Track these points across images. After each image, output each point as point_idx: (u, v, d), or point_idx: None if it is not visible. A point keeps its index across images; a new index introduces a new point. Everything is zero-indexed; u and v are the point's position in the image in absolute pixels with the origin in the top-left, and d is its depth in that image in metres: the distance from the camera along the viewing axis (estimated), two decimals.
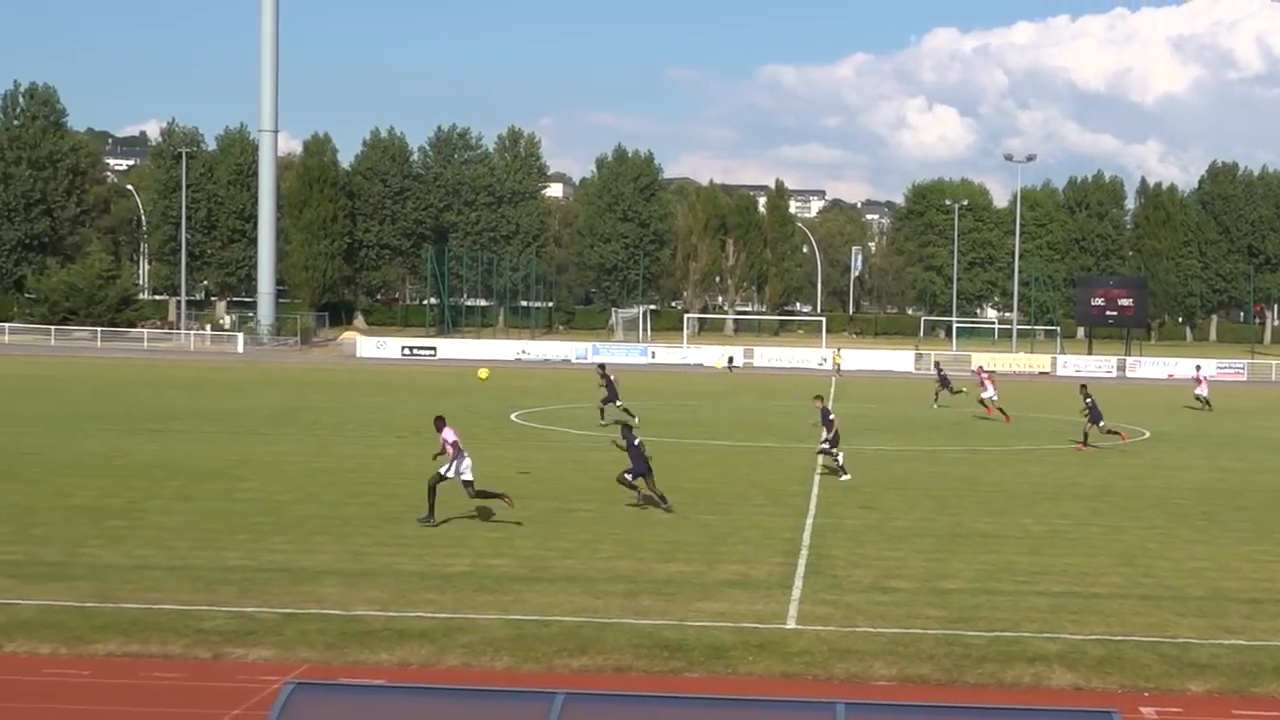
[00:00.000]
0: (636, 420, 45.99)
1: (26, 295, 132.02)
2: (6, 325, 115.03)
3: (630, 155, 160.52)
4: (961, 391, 62.78)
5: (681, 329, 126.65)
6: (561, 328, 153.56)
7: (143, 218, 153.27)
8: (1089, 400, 46.22)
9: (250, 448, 40.61)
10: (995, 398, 56.85)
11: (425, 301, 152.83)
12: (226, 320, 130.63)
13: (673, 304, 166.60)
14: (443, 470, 27.71)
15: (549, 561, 23.99)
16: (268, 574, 22.40)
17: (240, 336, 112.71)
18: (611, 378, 51.49)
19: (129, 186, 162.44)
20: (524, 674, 17.33)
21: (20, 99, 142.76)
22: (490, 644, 18.44)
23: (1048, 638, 19.45)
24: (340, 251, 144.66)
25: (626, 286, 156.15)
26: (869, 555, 25.20)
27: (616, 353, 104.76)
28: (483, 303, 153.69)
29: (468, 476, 27.52)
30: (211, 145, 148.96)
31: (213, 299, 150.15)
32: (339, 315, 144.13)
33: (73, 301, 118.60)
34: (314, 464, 37.00)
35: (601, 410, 50.57)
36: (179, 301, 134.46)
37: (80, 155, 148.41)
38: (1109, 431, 46.27)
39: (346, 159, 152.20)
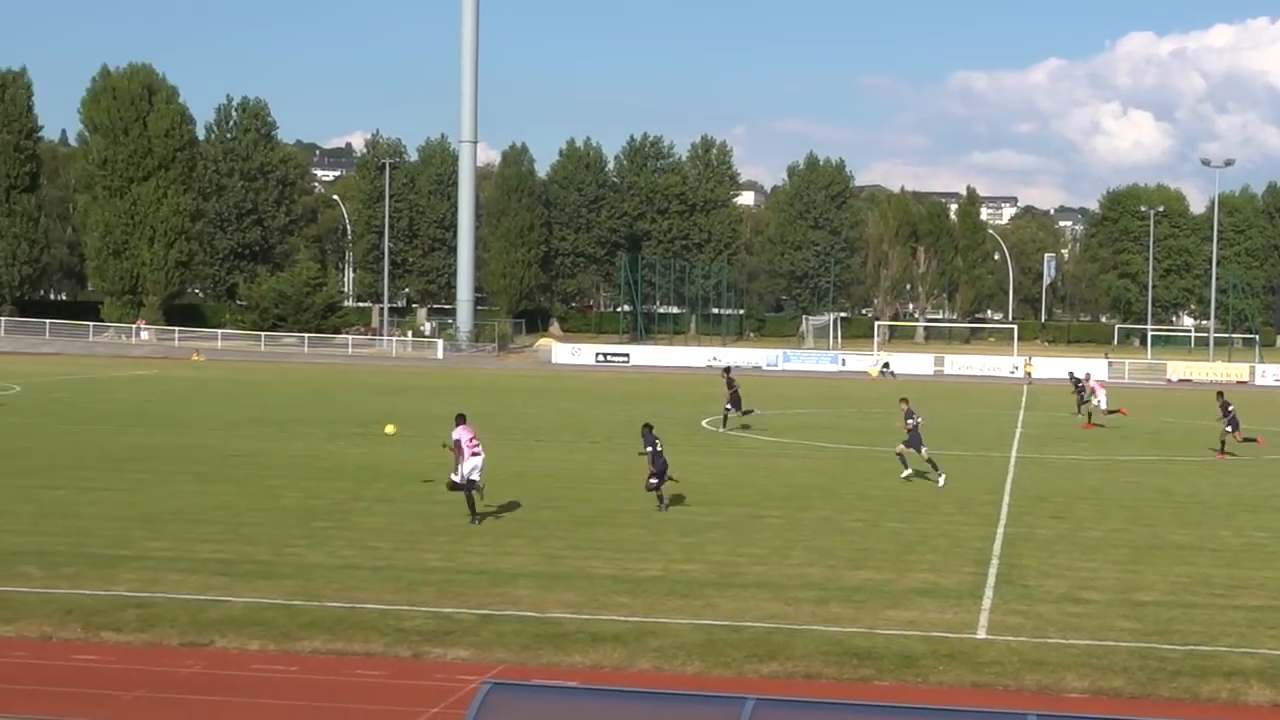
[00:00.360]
0: (760, 411, 48.94)
1: (238, 302, 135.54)
2: (219, 331, 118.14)
3: (821, 163, 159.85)
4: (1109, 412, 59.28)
5: (872, 336, 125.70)
6: (752, 335, 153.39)
7: (348, 227, 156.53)
8: (1229, 409, 45.14)
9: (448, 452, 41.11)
10: (1103, 406, 55.13)
11: (619, 309, 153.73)
12: (427, 327, 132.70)
13: (863, 311, 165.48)
14: (452, 476, 28.15)
15: (739, 567, 23.98)
16: (465, 576, 22.71)
17: (440, 343, 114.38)
18: (736, 384, 51.25)
19: (335, 197, 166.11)
20: (714, 679, 17.33)
21: (233, 113, 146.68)
22: (681, 648, 18.49)
23: (1245, 652, 18.93)
24: (537, 259, 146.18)
25: (817, 294, 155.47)
26: (1061, 565, 24.77)
27: (807, 360, 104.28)
28: (675, 310, 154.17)
29: (474, 477, 28.07)
30: (413, 156, 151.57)
31: (414, 306, 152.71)
32: (535, 322, 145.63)
33: (281, 308, 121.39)
34: (510, 468, 37.38)
35: (725, 416, 50.63)
36: (381, 308, 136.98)
37: (289, 167, 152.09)
38: (1247, 440, 45.24)
39: (543, 169, 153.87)
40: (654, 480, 30.09)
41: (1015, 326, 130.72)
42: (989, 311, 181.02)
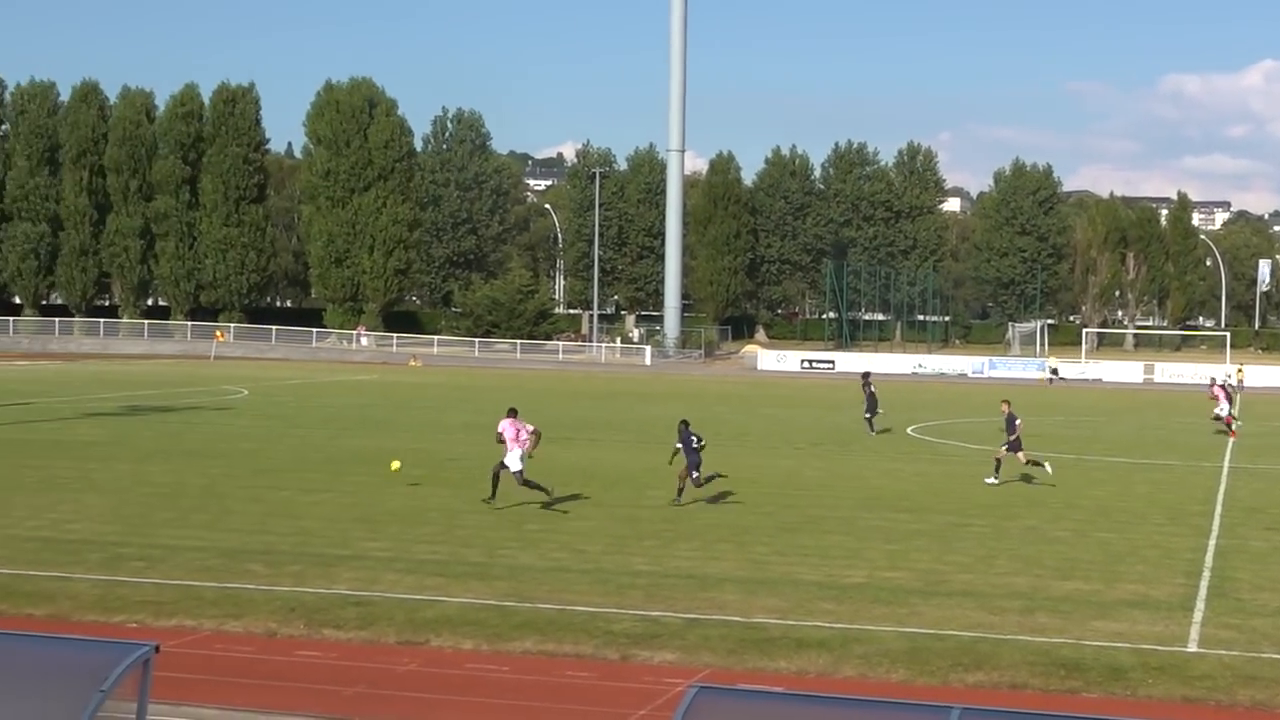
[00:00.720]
0: (876, 430, 49.63)
1: (453, 309, 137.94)
2: (435, 337, 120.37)
3: (1028, 168, 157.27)
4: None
5: (1080, 343, 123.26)
6: (958, 342, 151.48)
7: (559, 235, 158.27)
8: None
9: (656, 457, 41.31)
10: (1226, 413, 53.55)
11: (824, 315, 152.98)
12: (635, 333, 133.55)
13: (1070, 318, 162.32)
14: (505, 460, 29.76)
15: (945, 576, 23.70)
16: (673, 580, 22.80)
17: (648, 349, 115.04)
18: (872, 389, 51.45)
19: (547, 206, 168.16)
20: (919, 687, 17.16)
21: (449, 124, 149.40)
22: (886, 656, 18.34)
23: None
24: (743, 267, 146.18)
25: (1024, 300, 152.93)
26: (1276, 579, 24.02)
27: (1014, 367, 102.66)
28: (880, 317, 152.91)
29: (516, 467, 29.56)
30: (623, 165, 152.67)
31: (623, 313, 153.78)
32: (741, 329, 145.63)
33: (495, 315, 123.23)
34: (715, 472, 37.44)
35: (870, 421, 50.62)
36: (591, 315, 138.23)
37: (503, 177, 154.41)
38: None
39: (749, 176, 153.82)
40: (694, 474, 30.79)
41: (1228, 334, 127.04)
42: (1200, 319, 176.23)
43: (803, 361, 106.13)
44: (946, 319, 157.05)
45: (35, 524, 26.80)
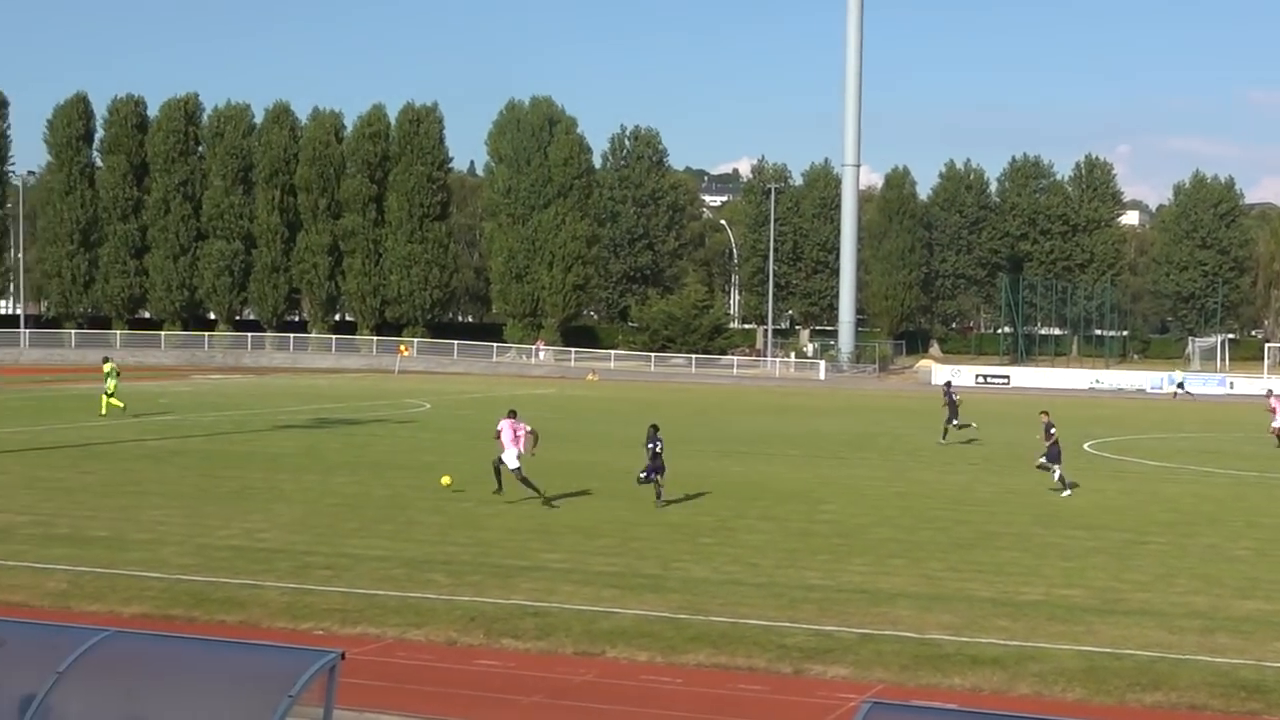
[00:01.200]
0: (975, 426, 50.86)
1: (630, 324, 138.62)
2: (612, 352, 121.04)
3: (1209, 180, 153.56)
4: None
5: (1262, 358, 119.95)
6: (1136, 357, 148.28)
7: (734, 250, 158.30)
8: None
9: (830, 471, 41.24)
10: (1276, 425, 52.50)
11: (999, 330, 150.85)
12: (809, 348, 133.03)
13: (1253, 333, 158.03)
14: (502, 456, 32.40)
15: (1122, 594, 23.23)
16: (846, 594, 22.67)
17: (822, 364, 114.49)
18: (955, 397, 52.28)
19: (722, 221, 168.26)
20: (1095, 706, 16.84)
21: (627, 141, 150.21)
22: (1062, 674, 18.03)
23: None
24: (917, 281, 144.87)
25: (1204, 315, 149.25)
26: None
27: (1193, 383, 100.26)
28: (1056, 331, 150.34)
29: (513, 465, 32.14)
30: (798, 180, 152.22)
31: (797, 327, 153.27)
32: (915, 343, 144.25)
33: (670, 330, 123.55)
34: (890, 488, 37.18)
35: (965, 425, 51.40)
36: (765, 330, 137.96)
37: (679, 193, 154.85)
38: None
39: (924, 190, 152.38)
40: (642, 474, 32.40)
41: None
42: None
43: (978, 376, 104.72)
44: (1124, 334, 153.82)
45: (228, 533, 27.49)
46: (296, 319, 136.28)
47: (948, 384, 55.74)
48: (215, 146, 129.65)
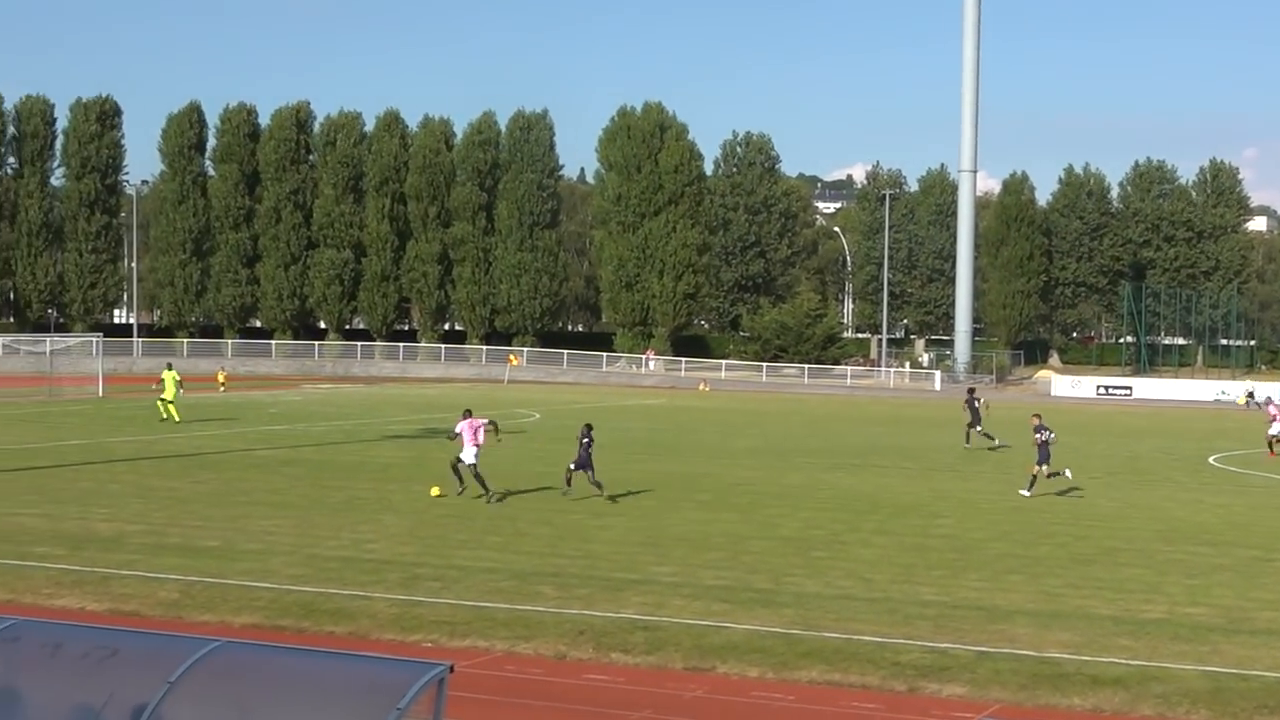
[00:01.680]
0: (997, 442, 51.23)
1: (741, 333, 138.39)
2: (723, 362, 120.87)
3: None
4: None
5: None
6: (1264, 368, 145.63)
7: (848, 258, 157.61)
8: None
9: (945, 484, 40.92)
10: (1276, 433, 52.39)
11: (1121, 340, 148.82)
12: (925, 358, 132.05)
13: None
14: (461, 456, 34.60)
15: (1249, 613, 22.83)
16: (962, 611, 22.48)
17: (937, 374, 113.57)
18: (978, 403, 53.33)
19: (835, 228, 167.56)
20: None
21: (738, 148, 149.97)
22: (1186, 695, 17.76)
23: None
24: (1036, 290, 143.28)
25: None
26: None
27: None
28: (1180, 341, 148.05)
29: (470, 460, 34.39)
30: (913, 186, 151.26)
31: (912, 337, 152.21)
32: (1034, 353, 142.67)
33: (783, 339, 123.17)
34: (1006, 502, 36.83)
35: (990, 436, 52.37)
36: (880, 339, 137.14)
37: (791, 199, 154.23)
38: None
39: (1043, 196, 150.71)
40: (571, 465, 35.11)
41: None
42: None
43: (1098, 387, 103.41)
44: (1252, 343, 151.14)
45: (336, 543, 27.81)
46: (406, 328, 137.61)
47: (970, 390, 56.83)
48: (326, 155, 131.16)
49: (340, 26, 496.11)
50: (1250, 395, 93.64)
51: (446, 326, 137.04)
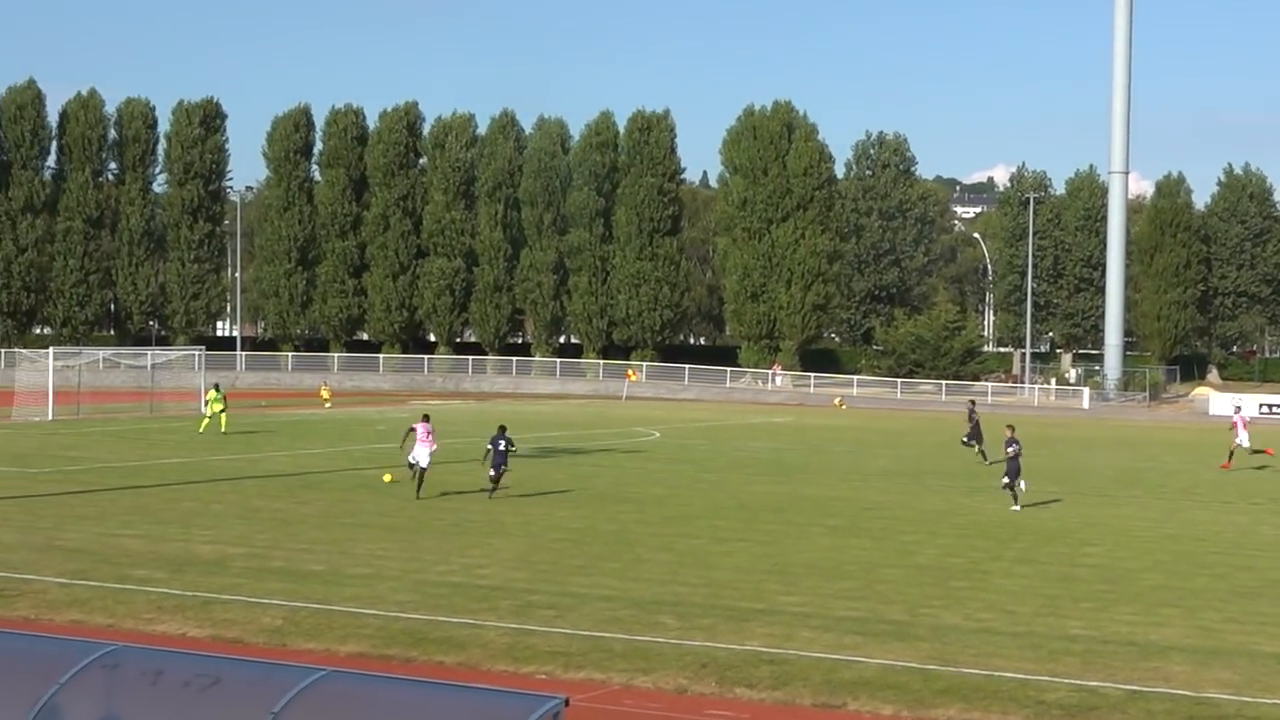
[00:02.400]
0: (988, 463, 52.66)
1: (874, 347, 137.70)
2: (854, 377, 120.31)
3: None
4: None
5: None
6: None
7: (988, 266, 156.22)
8: None
9: (1094, 510, 40.45)
10: (1246, 444, 55.62)
11: None
12: (1072, 374, 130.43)
13: None
14: (409, 459, 40.42)
15: None
16: (1112, 646, 22.21)
17: (1086, 391, 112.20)
18: (977, 417, 57.00)
19: (975, 235, 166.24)
20: None
21: (871, 149, 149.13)
22: None
23: None
24: (1193, 300, 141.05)
25: None
26: None
27: None
28: None
29: (424, 463, 40.05)
30: (1059, 189, 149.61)
31: (1057, 351, 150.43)
32: (1190, 369, 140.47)
33: (918, 354, 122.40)
34: (1161, 530, 36.33)
35: (973, 447, 55.45)
36: (1023, 354, 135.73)
37: (929, 204, 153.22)
38: None
39: (1201, 199, 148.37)
40: (492, 472, 39.57)
41: None
42: None
43: (1262, 406, 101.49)
44: None
45: (445, 568, 28.05)
46: (519, 341, 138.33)
47: (971, 402, 61.16)
48: (436, 159, 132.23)
49: (448, 25, 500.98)
50: None
51: (562, 340, 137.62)
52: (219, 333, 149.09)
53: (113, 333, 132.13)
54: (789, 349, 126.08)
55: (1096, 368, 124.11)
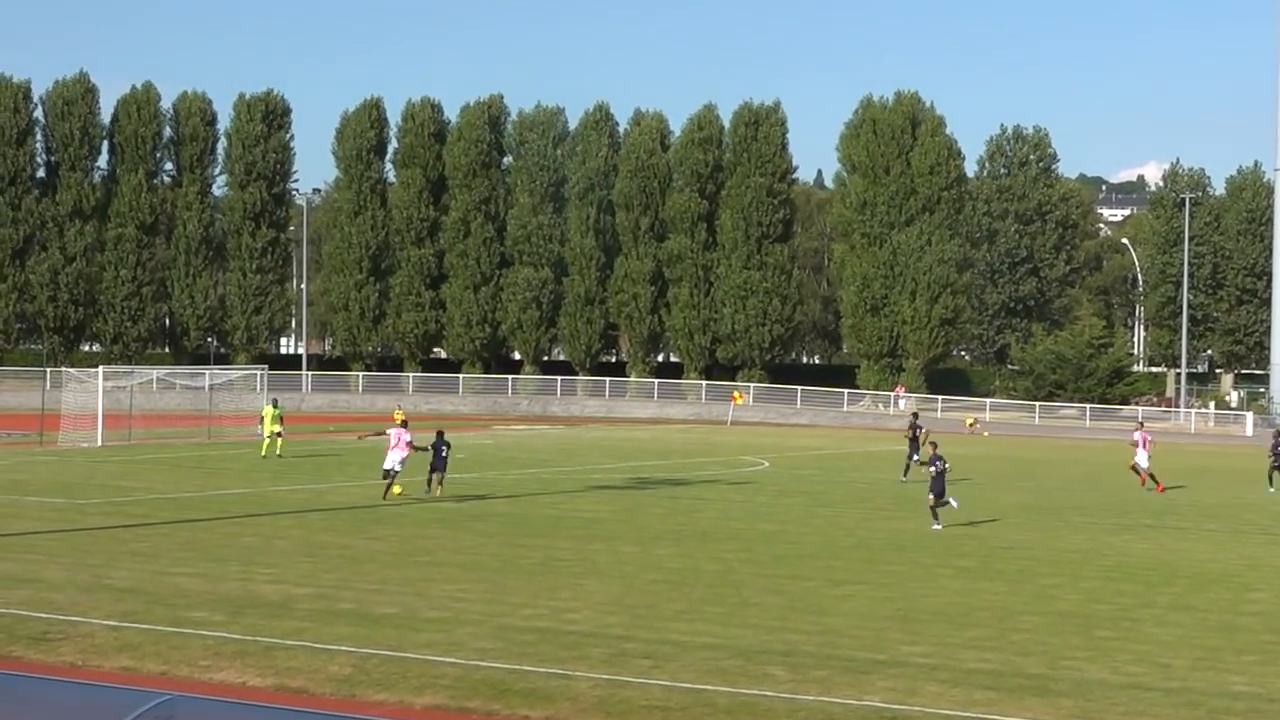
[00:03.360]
0: (905, 480, 56.93)
1: (1009, 366, 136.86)
2: (987, 400, 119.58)
3: None
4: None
5: None
6: None
7: (1138, 275, 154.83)
8: None
9: (1259, 550, 39.98)
10: (1144, 466, 57.75)
11: None
12: (1233, 397, 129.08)
13: None
14: (384, 466, 47.38)
15: None
16: (1279, 705, 21.92)
17: (1249, 416, 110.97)
18: (919, 431, 59.54)
19: (1124, 240, 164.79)
20: None
21: (1006, 144, 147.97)
22: None
23: None
24: None
25: None
26: None
27: None
28: None
29: (396, 467, 46.71)
30: (1219, 189, 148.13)
31: (1217, 371, 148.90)
32: None
33: (1059, 374, 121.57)
34: None
35: (907, 466, 58.71)
36: (1178, 374, 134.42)
37: (1071, 205, 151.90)
38: None
39: None
40: (431, 476, 47.53)
41: None
42: None
43: None
44: None
45: (532, 612, 28.12)
46: (613, 360, 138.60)
47: (914, 415, 64.14)
48: (522, 157, 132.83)
49: (532, 10, 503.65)
50: None
51: (660, 358, 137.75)
52: (283, 350, 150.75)
53: (168, 350, 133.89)
54: (913, 368, 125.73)
55: (1261, 390, 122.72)
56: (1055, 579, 33.53)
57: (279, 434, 64.30)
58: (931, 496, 43.37)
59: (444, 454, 47.57)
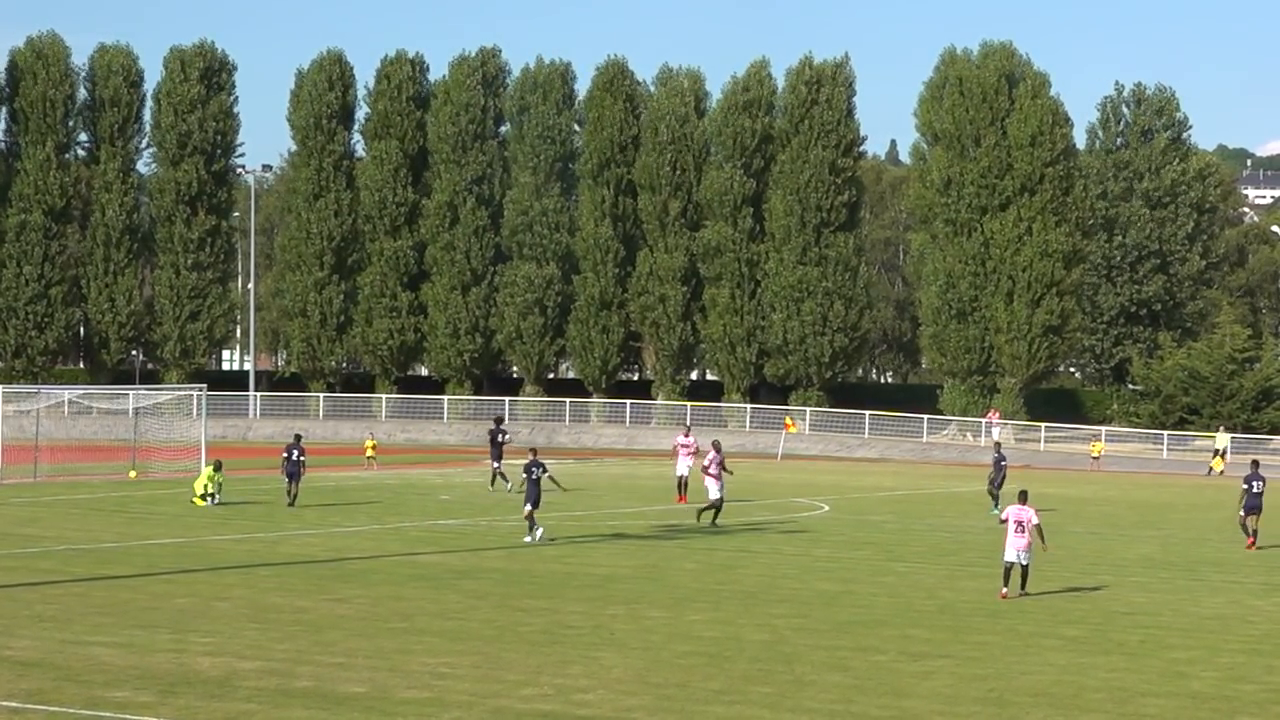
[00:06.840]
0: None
1: (1130, 386, 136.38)
2: (1103, 428, 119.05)
3: None
4: None
5: None
6: None
7: None
8: None
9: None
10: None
11: None
12: None
13: None
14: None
15: None
16: None
17: None
18: (1004, 461, 65.80)
19: (1274, 228, 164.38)
20: None
21: (1124, 108, 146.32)
22: None
23: None
24: None
25: None
26: None
27: None
28: None
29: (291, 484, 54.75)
30: None
31: None
32: None
33: (1193, 395, 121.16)
34: None
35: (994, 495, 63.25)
36: None
37: (1208, 185, 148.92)
38: None
39: None
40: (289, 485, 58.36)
41: None
42: None
43: None
44: None
45: (532, 691, 28.14)
46: (634, 378, 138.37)
47: (997, 445, 68.66)
48: (523, 125, 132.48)
49: None
50: None
51: (694, 376, 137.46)
52: (225, 366, 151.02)
53: (82, 366, 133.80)
54: (1010, 389, 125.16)
55: None
56: (1188, 652, 33.48)
57: (214, 495, 62.39)
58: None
59: (296, 459, 60.16)
